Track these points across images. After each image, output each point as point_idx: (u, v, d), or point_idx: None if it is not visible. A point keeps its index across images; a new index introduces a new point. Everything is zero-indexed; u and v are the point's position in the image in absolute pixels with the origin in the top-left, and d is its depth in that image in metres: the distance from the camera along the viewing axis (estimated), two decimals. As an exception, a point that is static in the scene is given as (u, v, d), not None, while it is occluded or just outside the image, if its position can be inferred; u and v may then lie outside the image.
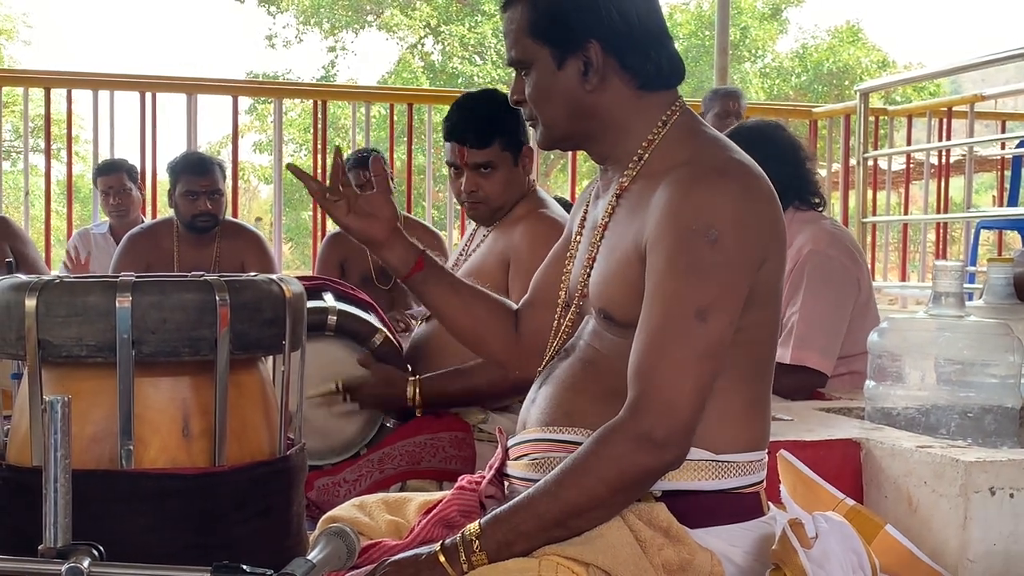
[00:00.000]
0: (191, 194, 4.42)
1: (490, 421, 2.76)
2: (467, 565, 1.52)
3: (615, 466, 1.49)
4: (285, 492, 1.55)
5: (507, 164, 2.81)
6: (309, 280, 2.88)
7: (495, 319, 1.92)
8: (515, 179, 2.83)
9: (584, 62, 1.65)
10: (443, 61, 21.61)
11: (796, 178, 3.04)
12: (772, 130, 3.11)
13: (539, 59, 1.68)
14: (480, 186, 2.80)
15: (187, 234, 4.51)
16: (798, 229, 3.01)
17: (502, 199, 2.82)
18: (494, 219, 2.86)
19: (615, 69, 1.66)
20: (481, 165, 2.78)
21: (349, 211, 1.86)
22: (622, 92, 1.67)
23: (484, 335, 1.92)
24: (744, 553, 1.58)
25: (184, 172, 4.47)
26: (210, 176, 4.46)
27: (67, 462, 1.16)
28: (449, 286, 1.90)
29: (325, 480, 2.64)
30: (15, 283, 1.47)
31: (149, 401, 1.45)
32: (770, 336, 1.65)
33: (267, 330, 1.51)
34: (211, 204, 4.44)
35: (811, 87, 22.04)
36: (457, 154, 2.80)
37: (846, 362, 2.97)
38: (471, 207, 2.86)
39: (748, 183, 1.59)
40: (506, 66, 1.78)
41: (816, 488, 1.87)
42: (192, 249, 4.51)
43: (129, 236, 4.72)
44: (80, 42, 49.69)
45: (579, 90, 1.66)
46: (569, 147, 1.85)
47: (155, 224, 4.81)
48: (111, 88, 6.36)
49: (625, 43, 1.65)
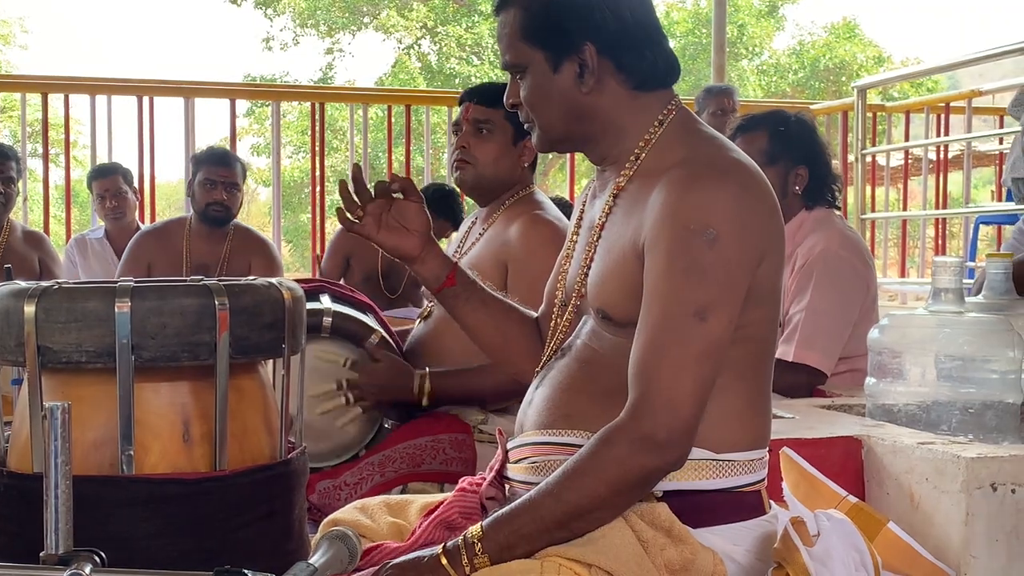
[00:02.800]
0: (209, 182, 4.57)
1: (490, 422, 2.76)
2: (469, 567, 1.52)
3: (617, 468, 1.49)
4: (286, 496, 1.55)
5: (506, 135, 2.81)
6: (306, 282, 2.88)
7: (523, 335, 1.91)
8: (509, 157, 2.83)
9: (579, 64, 1.65)
10: (440, 62, 21.61)
11: (829, 176, 3.08)
12: (813, 126, 3.14)
13: (534, 62, 1.68)
14: (472, 144, 2.81)
15: (199, 231, 4.64)
16: (811, 227, 3.02)
17: (490, 168, 2.82)
18: (478, 189, 2.86)
19: (610, 70, 1.66)
20: (481, 122, 2.81)
21: (380, 228, 1.84)
22: (618, 93, 1.67)
23: (513, 350, 1.91)
24: (746, 552, 1.58)
25: (206, 162, 4.63)
26: (230, 168, 4.61)
27: (68, 468, 1.16)
28: (480, 302, 1.90)
29: (326, 483, 2.64)
30: (14, 290, 1.47)
31: (149, 406, 1.45)
32: (769, 334, 1.65)
33: (267, 334, 1.51)
34: (226, 195, 4.58)
35: (808, 84, 22.03)
36: (463, 111, 2.85)
37: (848, 361, 2.97)
38: (458, 165, 2.86)
39: (746, 182, 1.59)
40: (501, 69, 1.77)
41: (818, 485, 1.87)
42: (203, 247, 4.64)
43: (141, 233, 4.89)
44: (78, 46, 49.74)
45: (575, 92, 1.66)
46: (566, 149, 1.85)
47: (168, 222, 4.96)
48: (108, 92, 6.36)
49: (620, 44, 1.65)
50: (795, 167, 3.01)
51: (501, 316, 1.91)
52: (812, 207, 3.05)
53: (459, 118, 2.87)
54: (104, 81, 6.57)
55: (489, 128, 2.80)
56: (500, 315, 1.91)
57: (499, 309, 1.91)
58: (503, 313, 1.91)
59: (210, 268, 4.58)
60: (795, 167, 3.01)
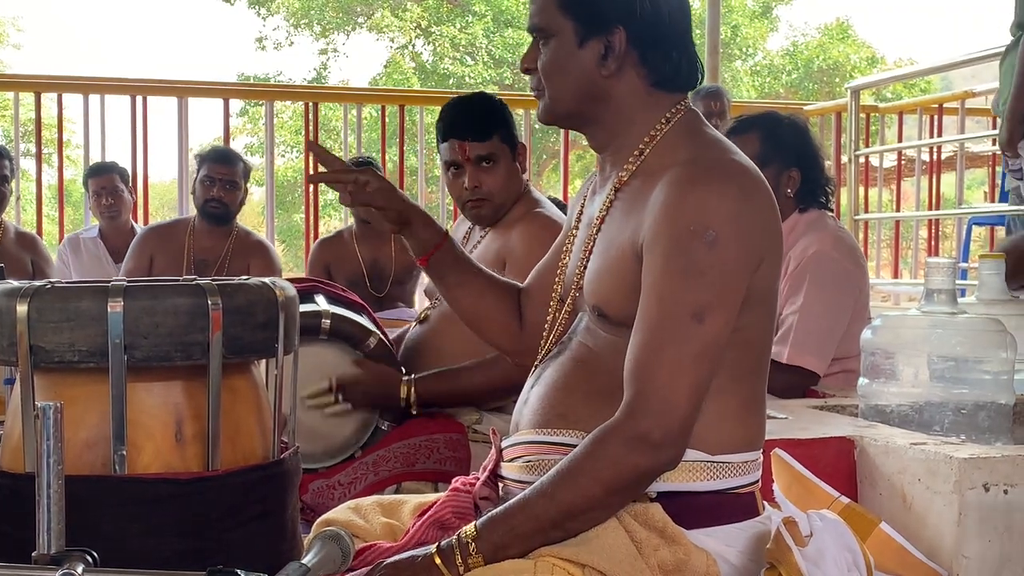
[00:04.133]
0: (208, 179, 4.69)
1: (484, 422, 2.76)
2: (463, 567, 1.52)
3: (611, 467, 1.49)
4: (279, 496, 1.54)
5: (507, 158, 2.80)
6: (300, 282, 2.87)
7: (503, 306, 1.92)
8: (514, 175, 2.83)
9: (605, 46, 1.64)
10: (434, 62, 21.61)
11: (822, 178, 3.09)
12: (806, 128, 3.15)
13: (561, 32, 1.66)
14: (483, 181, 2.77)
15: (202, 228, 4.77)
16: (804, 230, 3.02)
17: (504, 195, 2.80)
18: (495, 218, 2.84)
19: (634, 61, 1.65)
20: (484, 158, 2.77)
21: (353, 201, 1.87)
22: (635, 85, 1.67)
23: (491, 319, 1.92)
24: (739, 553, 1.58)
25: (208, 159, 4.76)
26: (230, 167, 4.72)
27: (60, 468, 1.16)
28: (469, 266, 1.93)
29: (320, 483, 2.64)
30: (6, 289, 1.46)
31: (142, 406, 1.45)
32: (765, 336, 1.65)
33: (260, 333, 1.50)
34: (224, 192, 4.69)
35: (802, 84, 22.08)
36: (458, 150, 2.78)
37: (841, 362, 2.97)
38: (473, 206, 2.81)
39: (746, 184, 1.59)
40: (527, 31, 1.76)
41: (810, 486, 1.88)
42: (204, 244, 4.76)
43: (146, 228, 5.10)
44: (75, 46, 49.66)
45: (593, 72, 1.66)
46: (568, 125, 1.84)
47: (174, 221, 5.11)
48: (102, 92, 6.34)
49: (650, 38, 1.64)
50: (787, 169, 3.02)
51: (485, 284, 1.93)
52: (805, 209, 3.06)
53: (453, 158, 2.80)
54: (98, 80, 6.56)
55: (493, 159, 2.78)
56: (484, 284, 1.93)
57: (485, 277, 1.94)
58: (488, 283, 1.93)
59: (210, 265, 4.66)
60: (787, 169, 3.02)
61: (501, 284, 1.95)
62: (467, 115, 2.81)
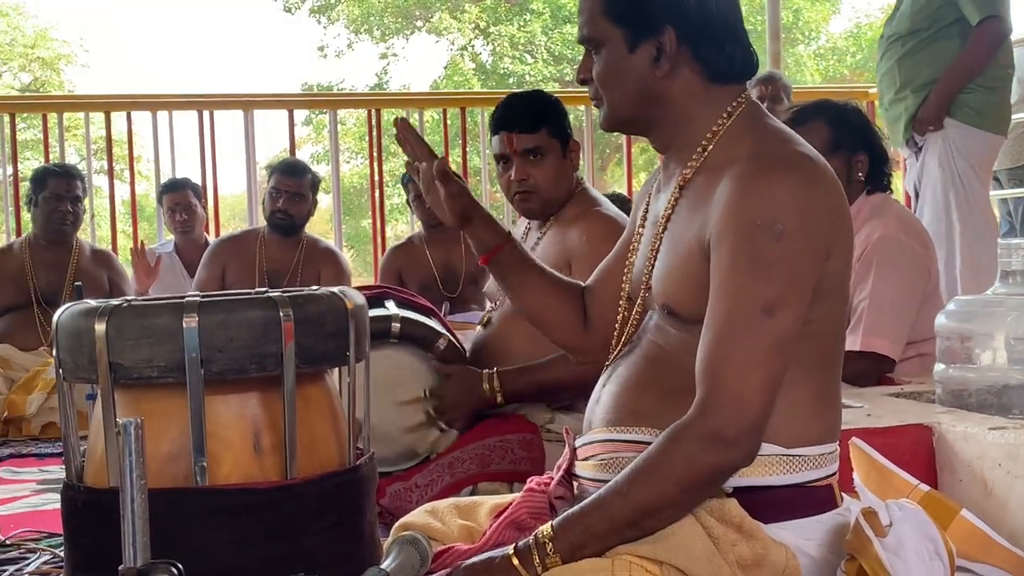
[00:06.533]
0: (276, 191, 4.78)
1: (557, 421, 2.76)
2: (541, 567, 1.52)
3: (686, 465, 1.49)
4: (357, 502, 1.56)
5: (556, 152, 2.81)
6: (370, 289, 2.91)
7: (568, 305, 1.93)
8: (564, 171, 2.84)
9: (657, 47, 1.63)
10: (494, 62, 21.63)
11: (885, 160, 3.10)
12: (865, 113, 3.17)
13: (611, 40, 1.66)
14: (530, 174, 2.80)
15: (271, 240, 4.85)
16: (868, 215, 3.01)
17: (552, 190, 2.82)
18: (545, 213, 2.86)
19: (687, 58, 1.65)
20: (531, 151, 2.79)
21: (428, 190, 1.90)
22: (691, 81, 1.66)
23: (556, 318, 1.93)
24: (818, 546, 1.57)
25: (276, 171, 4.86)
26: (296, 179, 4.80)
27: (143, 482, 1.18)
28: (532, 265, 1.94)
29: (397, 486, 2.66)
30: (85, 309, 1.50)
31: (220, 418, 1.48)
32: (837, 328, 1.64)
33: (331, 343, 1.52)
34: (290, 204, 4.76)
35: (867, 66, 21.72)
36: (506, 142, 2.81)
37: (915, 346, 2.94)
38: (521, 199, 2.84)
39: (812, 175, 1.57)
40: (577, 42, 1.77)
41: (889, 475, 1.85)
42: (275, 255, 4.84)
43: (218, 240, 5.18)
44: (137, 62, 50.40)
45: (648, 75, 1.65)
46: (630, 131, 1.84)
47: (244, 232, 5.20)
48: (169, 109, 6.46)
49: (700, 33, 1.63)
50: (856, 153, 3.02)
51: (548, 284, 1.93)
52: (872, 191, 3.05)
53: (502, 150, 2.83)
54: (164, 98, 6.70)
55: (540, 152, 2.80)
56: (547, 283, 1.93)
57: (550, 277, 1.95)
58: (551, 282, 1.94)
59: (282, 275, 4.73)
60: (856, 153, 3.02)
61: (565, 284, 1.95)
62: (516, 108, 2.85)
